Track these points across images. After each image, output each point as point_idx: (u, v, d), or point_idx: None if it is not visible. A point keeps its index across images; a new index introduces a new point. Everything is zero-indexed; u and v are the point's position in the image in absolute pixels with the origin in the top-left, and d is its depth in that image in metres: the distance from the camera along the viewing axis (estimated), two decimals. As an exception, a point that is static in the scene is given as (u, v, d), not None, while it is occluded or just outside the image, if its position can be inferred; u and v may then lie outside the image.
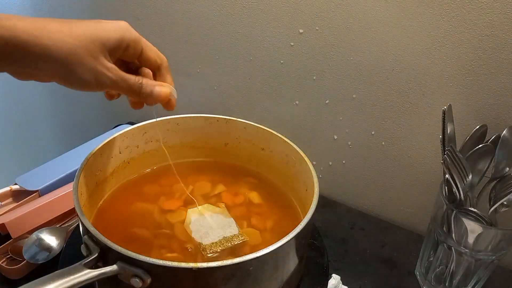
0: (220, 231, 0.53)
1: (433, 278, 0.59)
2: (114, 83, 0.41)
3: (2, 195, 0.66)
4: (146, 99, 0.45)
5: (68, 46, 0.38)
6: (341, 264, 0.64)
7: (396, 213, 0.74)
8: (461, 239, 0.52)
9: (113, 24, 0.41)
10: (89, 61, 0.39)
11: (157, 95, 0.45)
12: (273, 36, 0.72)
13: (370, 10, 0.62)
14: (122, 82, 0.42)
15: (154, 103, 0.46)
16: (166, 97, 0.46)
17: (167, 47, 0.86)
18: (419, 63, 0.61)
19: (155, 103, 0.46)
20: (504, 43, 0.55)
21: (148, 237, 0.53)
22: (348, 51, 0.66)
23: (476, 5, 0.55)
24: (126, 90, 0.43)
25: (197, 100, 0.88)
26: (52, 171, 0.70)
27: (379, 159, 0.72)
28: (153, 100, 0.45)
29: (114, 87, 0.42)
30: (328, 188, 0.80)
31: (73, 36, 0.38)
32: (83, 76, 0.39)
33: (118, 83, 0.42)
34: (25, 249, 0.55)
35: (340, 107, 0.72)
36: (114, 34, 0.40)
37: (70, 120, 1.18)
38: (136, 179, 0.63)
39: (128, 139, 0.60)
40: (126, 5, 0.88)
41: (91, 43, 0.39)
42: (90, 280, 0.38)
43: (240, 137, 0.65)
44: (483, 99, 0.59)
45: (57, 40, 0.37)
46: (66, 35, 0.38)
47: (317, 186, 0.51)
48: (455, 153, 0.50)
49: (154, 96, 0.45)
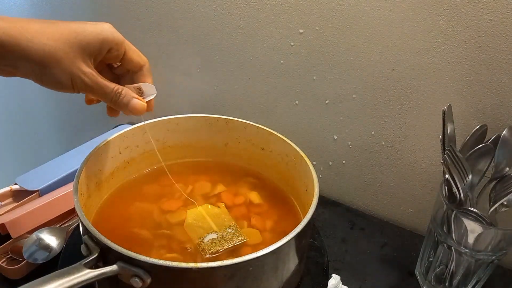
0: (220, 232, 0.53)
1: (433, 278, 0.59)
2: (90, 88, 0.42)
3: (2, 195, 0.66)
4: (121, 108, 0.46)
5: (46, 48, 0.38)
6: (341, 264, 0.64)
7: (396, 213, 0.74)
8: (461, 239, 0.52)
9: (95, 27, 0.41)
10: (66, 65, 0.39)
11: (133, 108, 0.45)
12: (273, 36, 0.72)
13: (370, 10, 0.62)
14: (97, 89, 0.42)
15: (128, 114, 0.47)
16: (142, 111, 0.46)
17: (167, 47, 0.86)
18: (419, 63, 0.61)
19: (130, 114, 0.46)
20: (504, 43, 0.55)
21: (148, 237, 0.53)
22: (348, 51, 0.66)
23: (476, 5, 0.55)
24: (101, 97, 0.43)
25: (197, 100, 0.88)
26: (52, 171, 0.70)
27: (379, 159, 0.72)
28: (128, 112, 0.46)
29: (90, 92, 0.43)
30: (328, 188, 0.80)
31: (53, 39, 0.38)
32: (58, 78, 0.40)
33: (93, 89, 0.42)
34: (25, 249, 0.55)
35: (340, 107, 0.72)
36: (95, 38, 0.41)
37: (70, 120, 1.18)
38: (136, 179, 0.63)
39: (128, 139, 0.60)
40: (126, 5, 0.88)
41: (70, 47, 0.39)
42: (90, 280, 0.38)
43: (240, 137, 0.65)
44: (483, 99, 0.59)
45: (35, 42, 0.38)
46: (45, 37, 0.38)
47: (317, 186, 0.51)
48: (455, 153, 0.50)
49: (130, 109, 0.45)
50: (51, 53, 0.38)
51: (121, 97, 0.44)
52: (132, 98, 0.45)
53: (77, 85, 0.41)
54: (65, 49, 0.39)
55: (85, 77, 0.41)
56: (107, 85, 0.43)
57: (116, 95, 0.44)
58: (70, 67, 0.39)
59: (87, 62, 0.41)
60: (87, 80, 0.41)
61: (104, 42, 0.41)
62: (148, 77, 0.48)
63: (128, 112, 0.46)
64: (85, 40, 0.40)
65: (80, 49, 0.40)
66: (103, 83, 0.42)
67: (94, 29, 0.41)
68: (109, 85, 0.43)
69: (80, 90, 0.42)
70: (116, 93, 0.44)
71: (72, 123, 1.19)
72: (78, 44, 0.40)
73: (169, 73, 0.89)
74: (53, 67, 0.39)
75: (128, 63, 0.46)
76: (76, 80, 0.40)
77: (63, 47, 0.39)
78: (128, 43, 0.45)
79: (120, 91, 0.44)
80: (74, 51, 0.39)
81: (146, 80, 0.47)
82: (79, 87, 0.41)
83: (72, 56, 0.39)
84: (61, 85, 0.40)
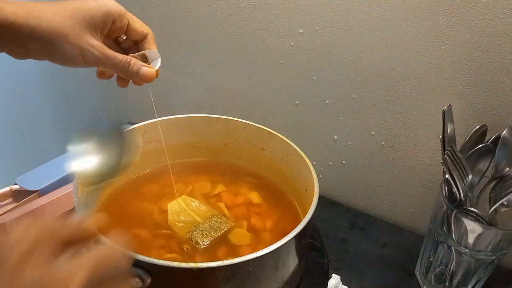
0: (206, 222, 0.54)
1: (433, 278, 0.59)
2: (100, 60, 0.43)
3: (2, 195, 0.66)
4: (132, 77, 0.47)
5: (53, 25, 0.40)
6: (341, 264, 0.64)
7: (396, 213, 0.74)
8: (461, 239, 0.52)
9: (97, 1, 0.43)
10: (74, 39, 0.41)
11: (143, 75, 0.46)
12: (273, 36, 0.72)
13: (370, 10, 0.62)
14: (107, 60, 0.43)
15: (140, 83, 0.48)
16: (152, 77, 0.47)
17: (167, 47, 0.86)
18: (419, 63, 0.61)
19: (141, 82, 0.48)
20: (504, 43, 0.55)
21: (148, 237, 0.53)
22: (348, 51, 0.66)
23: (476, 5, 0.55)
24: (112, 68, 0.45)
25: (197, 100, 0.88)
26: (52, 171, 0.70)
27: (379, 159, 0.72)
28: (139, 79, 0.47)
29: (100, 64, 0.44)
30: (328, 188, 0.79)
31: (58, 16, 0.40)
32: (68, 53, 0.41)
33: (103, 61, 0.43)
34: (25, 249, 0.55)
35: (340, 107, 0.72)
36: (98, 12, 0.42)
37: (70, 120, 1.18)
38: (136, 179, 0.63)
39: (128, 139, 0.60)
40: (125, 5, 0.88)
41: (75, 22, 0.41)
42: (90, 280, 0.38)
43: (240, 137, 0.65)
44: (483, 99, 0.59)
45: (42, 20, 0.39)
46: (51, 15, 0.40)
47: (317, 186, 0.51)
48: (455, 153, 0.50)
49: (140, 76, 0.46)
50: (58, 29, 0.40)
51: (131, 66, 0.45)
52: (141, 66, 0.46)
53: (87, 59, 0.42)
54: (71, 24, 0.40)
55: (94, 50, 0.42)
56: (116, 56, 0.44)
57: (125, 65, 0.45)
58: (78, 42, 0.41)
59: (94, 35, 0.42)
60: (96, 52, 0.42)
61: (107, 14, 0.43)
62: (153, 44, 0.49)
63: (139, 80, 0.47)
64: (89, 14, 0.41)
65: (86, 23, 0.41)
66: (112, 54, 0.44)
67: (96, 3, 0.42)
68: (118, 55, 0.44)
69: (91, 63, 0.43)
70: (126, 62, 0.45)
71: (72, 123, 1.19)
72: (83, 18, 0.41)
73: (169, 73, 0.89)
74: (62, 43, 0.40)
75: (133, 33, 0.47)
76: (86, 54, 0.42)
77: (69, 22, 0.40)
78: (130, 14, 0.46)
79: (129, 61, 0.45)
80: (80, 26, 0.41)
81: (151, 47, 0.48)
82: (90, 60, 0.42)
83: (78, 31, 0.41)
84: (72, 60, 0.42)
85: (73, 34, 0.40)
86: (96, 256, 0.29)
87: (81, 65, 0.43)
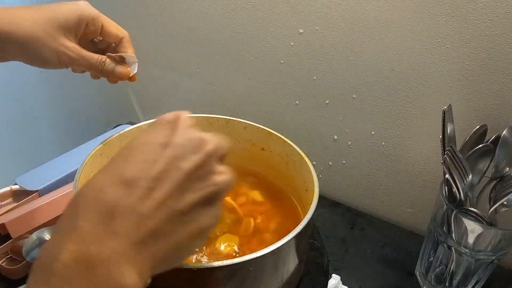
0: None
1: (433, 278, 0.59)
2: (75, 61, 0.46)
3: (2, 195, 0.66)
4: (108, 76, 0.50)
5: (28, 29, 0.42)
6: (341, 264, 0.64)
7: (396, 213, 0.74)
8: (461, 239, 0.52)
9: (71, 5, 0.46)
10: (49, 42, 0.43)
11: (118, 73, 0.50)
12: (273, 36, 0.72)
13: (370, 10, 0.62)
14: (83, 61, 0.46)
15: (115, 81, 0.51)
16: (126, 75, 0.50)
17: (167, 47, 0.86)
18: (419, 63, 0.61)
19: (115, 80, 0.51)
20: (504, 43, 0.55)
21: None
22: (348, 51, 0.66)
23: (476, 5, 0.55)
24: (87, 67, 0.48)
25: (197, 100, 0.88)
26: (52, 171, 0.70)
27: (379, 159, 0.72)
28: (114, 77, 0.50)
29: (76, 65, 0.47)
30: (328, 188, 0.80)
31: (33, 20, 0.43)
32: (44, 56, 0.44)
33: (78, 61, 0.46)
34: (25, 249, 0.55)
35: (340, 107, 0.72)
36: (72, 15, 0.45)
37: (70, 120, 1.18)
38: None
39: (128, 139, 0.60)
40: (125, 5, 0.88)
41: (50, 26, 0.43)
42: (90, 280, 0.38)
43: (240, 137, 0.65)
44: (483, 99, 0.59)
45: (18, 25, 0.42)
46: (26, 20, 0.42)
47: (317, 186, 0.51)
48: (455, 153, 0.50)
49: (116, 74, 0.49)
50: (34, 33, 0.43)
51: (106, 65, 0.48)
52: (116, 65, 0.49)
53: (63, 60, 0.45)
54: (46, 28, 0.43)
55: (69, 52, 0.45)
56: (91, 56, 0.47)
57: (101, 64, 0.48)
58: (53, 44, 0.44)
59: (68, 37, 0.45)
60: (71, 54, 0.45)
61: (80, 18, 0.45)
62: (129, 48, 0.51)
63: (114, 78, 0.50)
64: (63, 18, 0.44)
65: (60, 27, 0.44)
66: (87, 54, 0.46)
67: (71, 7, 0.45)
68: (94, 55, 0.47)
69: (67, 64, 0.46)
70: (101, 62, 0.48)
71: (72, 123, 1.19)
72: (58, 22, 0.44)
73: (169, 73, 0.89)
74: (38, 46, 0.43)
75: (107, 36, 0.50)
76: (61, 56, 0.45)
77: (45, 27, 0.43)
78: (104, 17, 0.49)
79: (104, 60, 0.48)
80: (55, 29, 0.44)
81: (127, 51, 0.51)
82: (65, 61, 0.45)
83: (54, 34, 0.44)
84: (48, 62, 0.45)
85: (47, 37, 0.43)
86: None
87: (57, 66, 0.46)
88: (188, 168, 0.29)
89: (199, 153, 0.30)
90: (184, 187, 0.29)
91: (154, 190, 0.28)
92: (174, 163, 0.29)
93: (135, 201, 0.27)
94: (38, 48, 0.43)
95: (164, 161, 0.29)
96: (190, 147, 0.30)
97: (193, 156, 0.30)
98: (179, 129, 0.31)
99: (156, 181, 0.28)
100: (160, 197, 0.28)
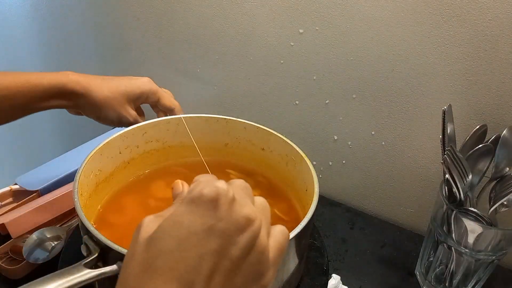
0: None
1: (433, 278, 0.59)
2: (131, 123, 0.60)
3: (2, 195, 0.66)
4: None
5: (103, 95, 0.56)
6: (341, 264, 0.64)
7: (396, 213, 0.74)
8: (461, 239, 0.52)
9: (138, 81, 0.60)
10: (117, 107, 0.58)
11: None
12: (273, 36, 0.72)
13: (370, 10, 0.62)
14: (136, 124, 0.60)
15: None
16: None
17: (167, 47, 0.86)
18: (419, 63, 0.61)
19: None
20: (504, 43, 0.55)
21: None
22: (348, 51, 0.66)
23: (476, 5, 0.55)
24: None
25: (197, 100, 0.88)
26: (52, 171, 0.70)
27: (379, 159, 0.72)
28: None
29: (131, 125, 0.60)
30: (328, 188, 0.80)
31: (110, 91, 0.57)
32: (110, 117, 0.59)
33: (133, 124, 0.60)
34: (25, 249, 0.55)
35: (340, 107, 0.72)
36: (137, 89, 0.59)
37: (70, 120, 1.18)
38: (136, 180, 0.63)
39: (128, 139, 0.60)
40: (126, 5, 0.88)
41: (120, 95, 0.58)
42: (90, 280, 0.38)
43: (240, 137, 0.65)
44: (483, 99, 0.59)
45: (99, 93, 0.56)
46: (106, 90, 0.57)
47: (317, 186, 0.51)
48: (455, 153, 0.50)
49: None
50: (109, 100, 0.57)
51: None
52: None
53: (123, 122, 0.60)
54: (117, 97, 0.57)
55: (129, 117, 0.60)
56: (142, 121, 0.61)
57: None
58: (119, 109, 0.58)
59: (131, 105, 0.60)
60: (130, 118, 0.60)
61: (143, 92, 0.60)
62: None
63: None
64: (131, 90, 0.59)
65: (127, 96, 0.58)
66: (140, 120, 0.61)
67: (137, 82, 0.60)
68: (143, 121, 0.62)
69: (124, 124, 0.60)
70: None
71: (72, 123, 1.19)
72: (126, 93, 0.58)
73: (169, 73, 0.89)
74: (109, 110, 0.57)
75: (162, 106, 0.63)
76: (122, 119, 0.59)
77: (115, 95, 0.57)
78: (162, 92, 0.62)
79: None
80: (123, 98, 0.58)
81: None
82: (124, 123, 0.60)
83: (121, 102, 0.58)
84: (112, 122, 0.59)
85: (117, 105, 0.57)
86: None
87: (115, 125, 0.61)
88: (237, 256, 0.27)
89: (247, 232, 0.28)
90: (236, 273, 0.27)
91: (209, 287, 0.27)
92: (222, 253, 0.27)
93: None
94: (108, 111, 0.57)
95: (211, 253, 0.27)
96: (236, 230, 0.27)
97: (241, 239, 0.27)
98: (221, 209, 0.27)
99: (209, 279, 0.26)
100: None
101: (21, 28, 1.04)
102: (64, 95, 0.55)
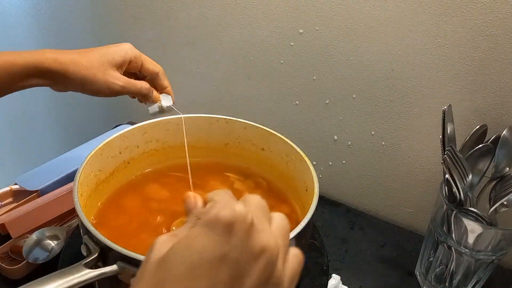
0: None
1: (433, 278, 0.59)
2: (124, 88, 0.56)
3: (2, 195, 0.66)
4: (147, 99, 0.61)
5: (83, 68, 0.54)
6: (341, 264, 0.64)
7: (396, 213, 0.74)
8: (461, 239, 0.52)
9: (117, 47, 0.57)
10: (100, 77, 0.55)
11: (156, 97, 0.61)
12: (273, 36, 0.72)
13: (370, 10, 0.62)
14: (131, 86, 0.57)
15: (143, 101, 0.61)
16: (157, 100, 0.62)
17: (167, 47, 0.86)
18: (419, 63, 0.61)
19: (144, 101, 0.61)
20: (504, 43, 0.55)
21: (148, 237, 0.53)
22: (348, 51, 0.66)
23: (476, 5, 0.55)
24: (135, 92, 0.58)
25: (197, 100, 0.88)
26: (52, 171, 0.70)
27: (379, 159, 0.72)
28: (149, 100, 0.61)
29: (126, 90, 0.56)
30: (328, 188, 0.80)
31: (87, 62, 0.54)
32: (97, 87, 0.55)
33: (127, 88, 0.56)
34: (25, 249, 0.55)
35: (340, 107, 0.72)
36: (118, 54, 0.56)
37: (70, 120, 1.18)
38: (136, 179, 0.63)
39: (128, 139, 0.60)
40: (125, 6, 0.88)
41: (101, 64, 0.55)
42: (90, 280, 0.38)
43: (240, 137, 0.65)
44: (483, 99, 0.59)
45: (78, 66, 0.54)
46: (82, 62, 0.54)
47: (317, 186, 0.51)
48: (455, 153, 0.50)
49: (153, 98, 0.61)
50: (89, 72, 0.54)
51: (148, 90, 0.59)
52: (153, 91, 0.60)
53: (113, 88, 0.56)
54: (98, 66, 0.55)
55: (118, 81, 0.56)
56: (136, 82, 0.58)
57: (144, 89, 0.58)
58: (104, 77, 0.55)
59: (115, 71, 0.56)
60: (120, 82, 0.56)
61: (125, 56, 0.56)
62: (164, 80, 0.61)
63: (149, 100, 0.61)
64: (111, 56, 0.56)
65: (109, 63, 0.55)
66: (133, 81, 0.57)
67: (117, 48, 0.57)
68: (138, 82, 0.58)
69: (115, 92, 0.56)
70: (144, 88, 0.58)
71: (72, 123, 1.19)
72: (107, 60, 0.55)
73: (169, 73, 0.89)
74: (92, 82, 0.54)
75: (146, 71, 0.60)
76: (111, 85, 0.55)
77: (95, 64, 0.54)
78: (144, 56, 0.60)
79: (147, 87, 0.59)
80: (105, 66, 0.55)
81: (163, 83, 0.61)
82: (116, 89, 0.56)
83: (104, 69, 0.55)
84: (100, 91, 0.55)
85: (99, 73, 0.54)
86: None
87: (108, 95, 0.56)
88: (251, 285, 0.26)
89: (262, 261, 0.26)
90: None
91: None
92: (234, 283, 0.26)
93: None
94: (92, 84, 0.54)
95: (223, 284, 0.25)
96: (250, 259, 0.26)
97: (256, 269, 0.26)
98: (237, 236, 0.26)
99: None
100: None
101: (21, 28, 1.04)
102: (42, 73, 0.53)
